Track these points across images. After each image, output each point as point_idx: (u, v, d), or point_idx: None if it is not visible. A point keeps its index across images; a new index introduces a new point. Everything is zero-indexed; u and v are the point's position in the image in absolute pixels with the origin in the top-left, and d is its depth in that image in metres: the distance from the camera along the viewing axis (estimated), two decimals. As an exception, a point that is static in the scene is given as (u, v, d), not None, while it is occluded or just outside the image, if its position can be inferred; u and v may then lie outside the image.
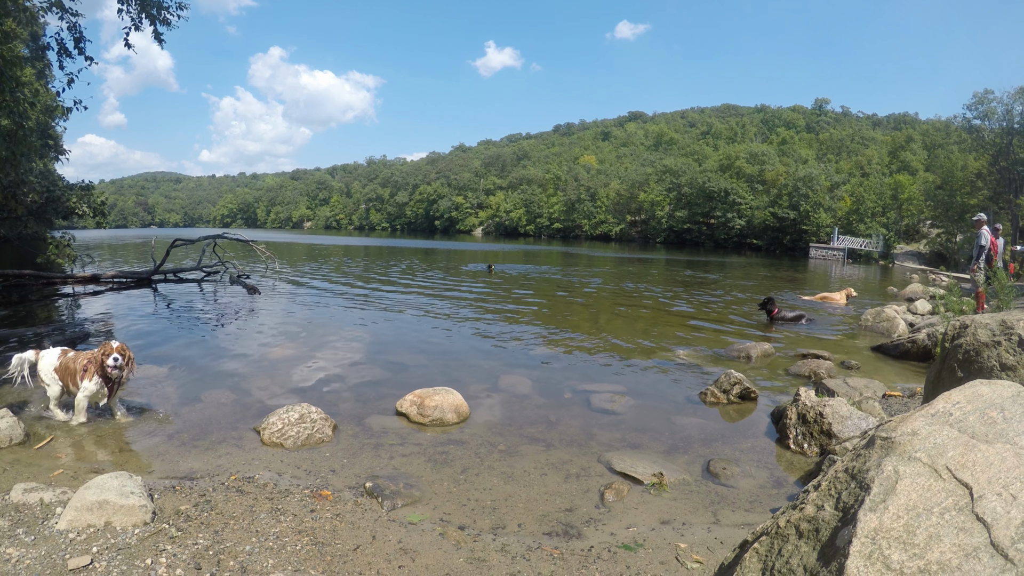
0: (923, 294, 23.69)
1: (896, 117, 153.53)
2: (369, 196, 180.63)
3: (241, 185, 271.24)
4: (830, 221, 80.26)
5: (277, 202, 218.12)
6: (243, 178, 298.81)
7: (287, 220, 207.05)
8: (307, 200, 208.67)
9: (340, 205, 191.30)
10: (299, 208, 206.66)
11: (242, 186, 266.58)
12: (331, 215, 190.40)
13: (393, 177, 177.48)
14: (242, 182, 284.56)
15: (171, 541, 4.39)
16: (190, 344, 11.92)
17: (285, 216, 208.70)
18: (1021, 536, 2.42)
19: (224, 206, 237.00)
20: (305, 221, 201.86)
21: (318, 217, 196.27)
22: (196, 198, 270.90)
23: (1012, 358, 6.33)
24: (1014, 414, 2.98)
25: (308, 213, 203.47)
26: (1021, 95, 56.24)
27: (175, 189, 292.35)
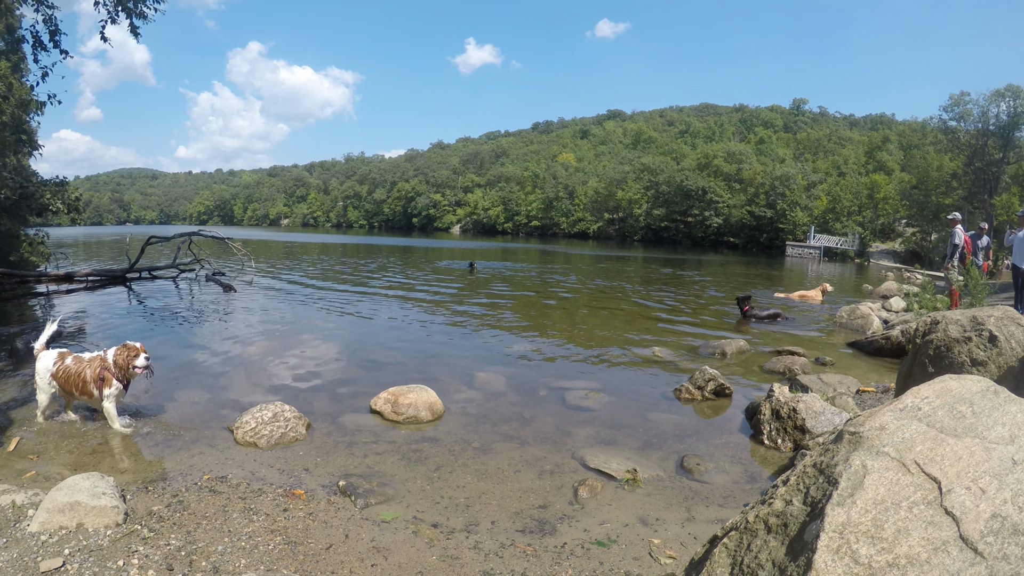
0: (898, 292, 23.84)
1: (873, 118, 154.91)
2: (347, 193, 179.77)
3: (218, 182, 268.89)
4: (807, 220, 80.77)
5: (254, 199, 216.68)
6: (220, 175, 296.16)
7: (264, 217, 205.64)
8: (284, 197, 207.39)
9: (318, 202, 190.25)
10: (276, 205, 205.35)
11: (219, 183, 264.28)
12: (308, 212, 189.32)
13: (371, 174, 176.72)
14: (219, 179, 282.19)
15: (143, 542, 4.36)
16: (164, 343, 11.80)
17: (262, 213, 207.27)
18: (991, 530, 2.43)
19: (200, 203, 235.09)
20: (282, 218, 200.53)
21: (295, 214, 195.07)
22: (172, 195, 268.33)
23: (983, 353, 6.38)
24: (983, 408, 2.99)
25: (285, 210, 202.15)
26: (996, 98, 57.09)
27: (151, 186, 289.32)
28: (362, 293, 20.71)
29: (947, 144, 63.71)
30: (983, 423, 2.89)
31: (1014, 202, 50.85)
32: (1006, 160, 57.90)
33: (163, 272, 24.15)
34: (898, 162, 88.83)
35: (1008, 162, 57.78)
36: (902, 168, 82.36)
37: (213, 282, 21.88)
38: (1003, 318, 6.61)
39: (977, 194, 59.40)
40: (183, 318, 14.71)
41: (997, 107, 57.66)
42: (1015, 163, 57.18)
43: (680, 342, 13.25)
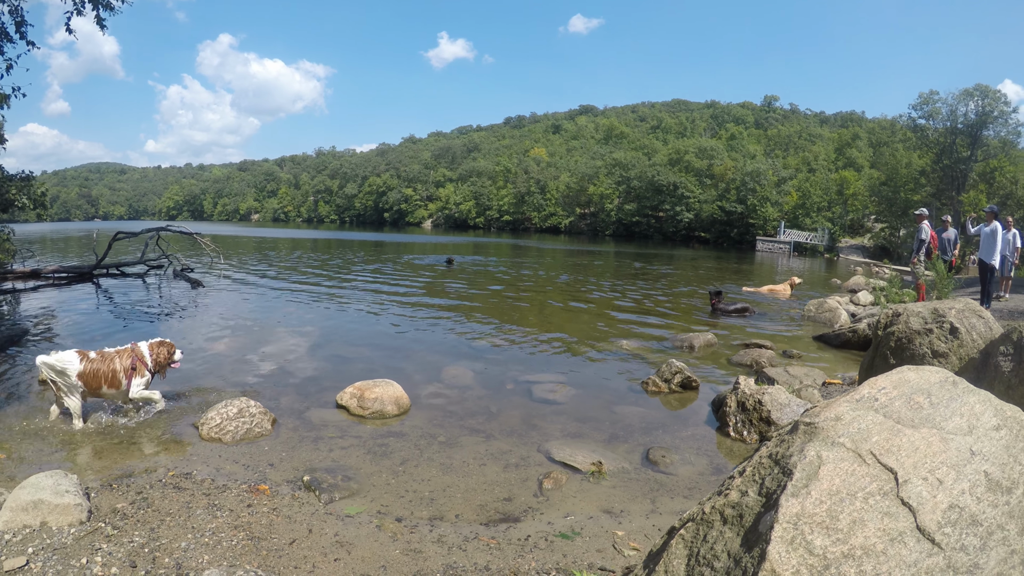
0: (866, 286, 24.08)
1: (843, 115, 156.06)
2: (318, 188, 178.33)
3: (187, 176, 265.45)
4: (777, 215, 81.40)
5: (224, 194, 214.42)
6: (190, 169, 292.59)
7: (234, 212, 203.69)
8: (255, 192, 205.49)
9: (288, 197, 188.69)
10: (247, 200, 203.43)
11: (188, 177, 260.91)
12: (279, 207, 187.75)
13: (342, 169, 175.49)
14: (188, 173, 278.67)
15: (107, 540, 4.31)
16: (131, 340, 11.60)
17: (232, 208, 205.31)
18: (949, 521, 2.44)
19: (170, 198, 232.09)
20: (253, 213, 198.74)
21: (266, 209, 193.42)
22: (141, 190, 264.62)
23: (944, 345, 6.45)
24: (941, 399, 2.99)
25: (256, 205, 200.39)
26: (965, 97, 58.01)
27: (120, 180, 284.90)
28: (331, 289, 20.57)
29: (916, 142, 64.60)
30: (941, 414, 2.89)
31: (981, 199, 51.57)
32: (974, 158, 58.78)
33: (131, 268, 23.84)
34: (867, 159, 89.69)
35: (976, 160, 58.67)
36: (871, 165, 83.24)
37: (181, 278, 21.64)
38: (964, 310, 6.69)
39: (945, 191, 60.27)
40: (150, 315, 14.52)
41: (966, 106, 58.60)
42: (983, 161, 58.06)
43: (648, 335, 13.29)
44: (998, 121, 58.04)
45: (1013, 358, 4.78)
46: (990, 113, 57.57)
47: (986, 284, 15.94)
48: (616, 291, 22.16)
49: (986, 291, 15.90)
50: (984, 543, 2.45)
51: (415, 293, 19.89)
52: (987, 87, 57.67)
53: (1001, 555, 2.46)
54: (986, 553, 2.43)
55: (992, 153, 57.94)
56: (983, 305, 15.52)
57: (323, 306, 16.54)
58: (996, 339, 5.17)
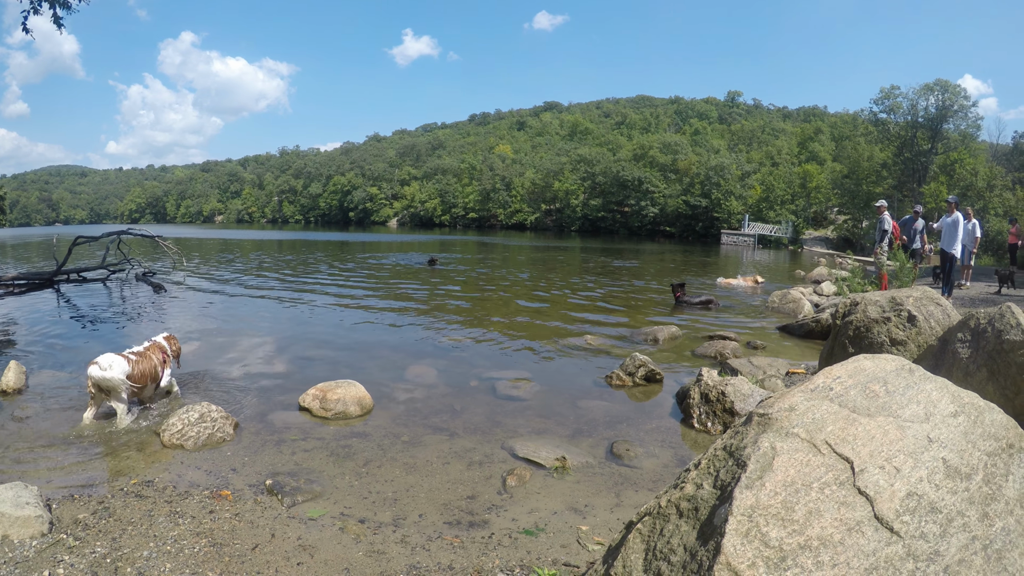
0: (829, 277, 24.34)
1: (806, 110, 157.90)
2: (282, 188, 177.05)
3: (150, 178, 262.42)
4: (741, 208, 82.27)
5: (187, 195, 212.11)
6: (152, 171, 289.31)
7: (198, 214, 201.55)
8: (218, 193, 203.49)
9: (252, 198, 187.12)
10: (210, 201, 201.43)
11: (151, 179, 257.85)
12: (243, 208, 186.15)
13: (306, 168, 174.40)
14: (151, 175, 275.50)
15: (69, 551, 4.24)
16: (91, 347, 11.34)
17: (196, 210, 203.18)
18: (907, 509, 2.43)
19: (132, 200, 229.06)
20: (216, 215, 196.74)
21: (230, 210, 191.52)
22: (103, 192, 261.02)
23: (902, 333, 6.51)
24: (897, 387, 3.00)
25: (219, 207, 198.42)
26: (926, 91, 59.33)
27: (81, 183, 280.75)
28: (295, 290, 20.40)
29: (877, 135, 65.85)
30: (897, 402, 2.90)
31: (942, 190, 52.53)
32: (934, 151, 60.00)
33: (92, 274, 23.44)
34: (830, 152, 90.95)
35: (936, 153, 59.93)
36: (834, 158, 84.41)
37: (144, 282, 21.33)
38: (922, 298, 6.76)
39: (907, 183, 61.47)
40: (112, 320, 14.27)
41: (926, 100, 59.95)
42: (943, 154, 59.37)
43: (613, 330, 13.34)
44: (958, 115, 59.39)
45: (970, 344, 4.83)
46: (950, 107, 58.86)
47: (947, 273, 16.19)
48: (581, 286, 22.24)
49: (948, 280, 16.15)
50: (944, 530, 2.45)
51: (379, 293, 19.80)
52: (947, 82, 58.97)
53: (962, 541, 2.47)
54: (946, 540, 2.43)
55: (952, 146, 59.26)
56: (944, 293, 15.77)
57: (287, 308, 16.39)
58: (954, 326, 5.23)
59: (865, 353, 3.48)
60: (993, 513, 2.61)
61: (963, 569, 2.41)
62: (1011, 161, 62.13)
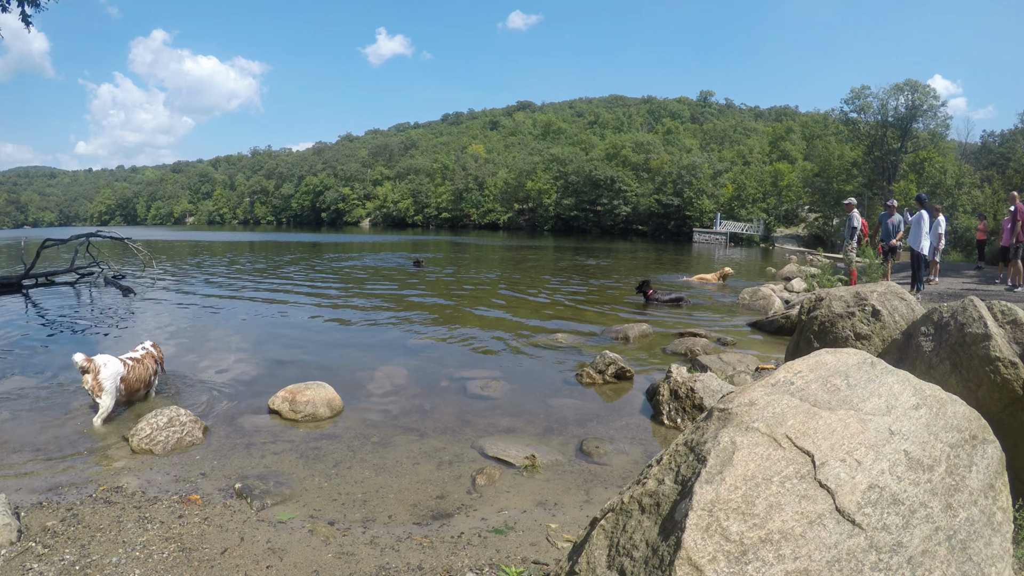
0: (799, 273, 24.56)
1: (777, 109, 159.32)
2: (254, 189, 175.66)
3: (120, 179, 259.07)
4: (713, 207, 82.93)
5: (158, 197, 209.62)
6: (122, 172, 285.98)
7: (168, 216, 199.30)
8: (189, 194, 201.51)
9: (224, 199, 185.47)
10: (181, 203, 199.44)
11: (121, 180, 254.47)
12: (214, 209, 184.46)
13: (278, 168, 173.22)
14: (121, 176, 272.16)
15: (38, 559, 4.21)
16: (59, 352, 11.14)
17: (166, 212, 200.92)
18: (869, 501, 2.44)
19: (102, 202, 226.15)
20: (187, 216, 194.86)
21: (201, 212, 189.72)
22: (72, 194, 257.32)
23: (867, 327, 6.57)
24: (859, 381, 3.02)
25: (190, 208, 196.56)
26: (896, 91, 60.24)
27: (50, 185, 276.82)
28: (266, 292, 20.22)
29: (848, 134, 66.76)
30: (858, 395, 2.91)
31: (911, 188, 53.22)
32: (904, 149, 60.88)
33: (61, 277, 23.11)
34: (801, 151, 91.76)
35: (906, 151, 60.81)
36: (805, 157, 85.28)
37: (113, 286, 21.07)
38: (886, 293, 6.83)
39: (877, 181, 62.32)
40: (80, 325, 14.04)
41: (896, 100, 60.88)
42: (912, 152, 60.18)
43: (584, 328, 13.37)
44: (927, 114, 60.37)
45: (934, 338, 4.88)
46: (920, 107, 59.81)
47: (916, 270, 16.38)
48: (553, 285, 22.30)
49: (916, 276, 16.33)
50: (907, 522, 2.46)
51: (351, 294, 19.67)
52: (917, 82, 59.93)
53: (925, 532, 2.48)
54: (909, 531, 2.45)
55: (922, 145, 60.20)
56: (913, 289, 15.95)
57: (257, 310, 16.24)
58: (917, 320, 5.28)
59: (830, 348, 3.49)
60: (957, 504, 2.63)
61: (927, 560, 2.42)
62: (979, 159, 63.28)
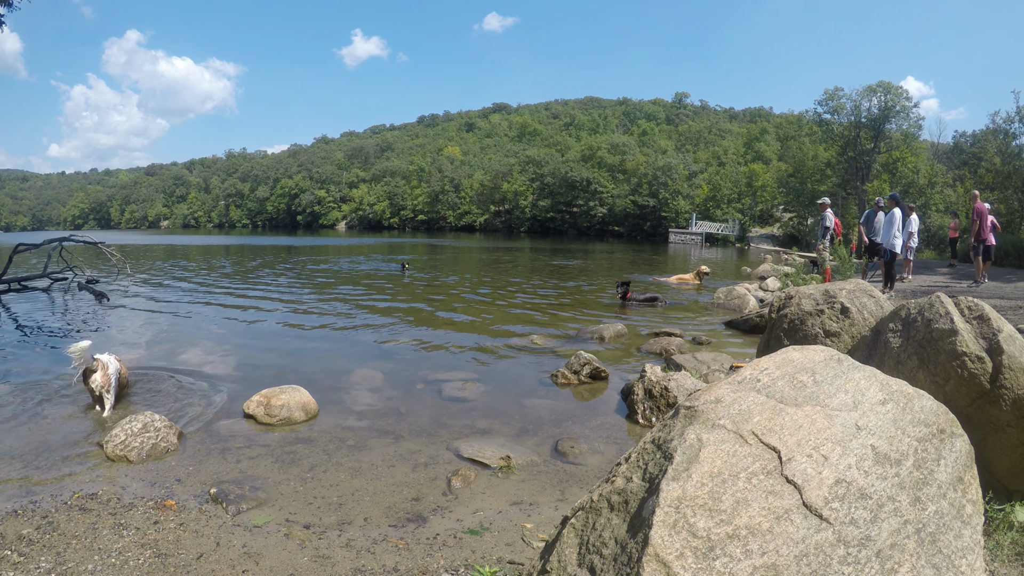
0: (774, 272, 24.75)
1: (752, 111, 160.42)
2: (228, 191, 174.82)
3: (93, 182, 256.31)
4: (688, 207, 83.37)
5: (132, 200, 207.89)
6: (95, 175, 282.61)
7: (143, 219, 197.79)
8: (164, 197, 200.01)
9: (198, 202, 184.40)
10: (155, 206, 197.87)
11: (94, 183, 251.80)
12: (189, 212, 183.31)
13: (253, 171, 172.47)
14: (94, 179, 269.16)
15: (13, 567, 4.19)
16: (31, 358, 11.02)
17: (141, 215, 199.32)
18: (836, 496, 2.46)
19: (75, 206, 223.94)
20: (162, 220, 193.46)
21: (175, 215, 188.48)
22: (45, 198, 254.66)
23: (836, 325, 6.65)
24: (825, 377, 3.05)
25: (165, 211, 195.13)
26: (869, 93, 60.90)
27: (22, 188, 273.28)
28: (240, 296, 20.12)
29: (822, 135, 67.41)
30: (825, 391, 2.94)
31: (884, 188, 53.86)
32: (877, 150, 61.55)
33: (33, 283, 22.87)
34: (775, 152, 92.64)
35: (879, 152, 61.51)
36: (779, 158, 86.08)
37: (86, 290, 20.87)
38: (855, 291, 6.91)
39: (850, 181, 62.99)
40: (53, 330, 13.89)
41: (869, 101, 61.53)
42: (886, 152, 60.89)
43: (560, 329, 13.41)
44: (900, 115, 61.11)
45: (901, 334, 4.95)
46: (892, 108, 60.53)
47: (888, 268, 16.56)
48: (529, 287, 22.34)
49: (889, 274, 16.51)
50: (875, 515, 2.49)
51: (326, 297, 19.60)
52: (890, 84, 60.65)
53: (893, 526, 2.51)
54: (877, 525, 2.47)
55: (895, 145, 60.90)
56: (886, 287, 16.12)
57: (231, 314, 16.15)
58: (886, 316, 5.35)
59: (800, 345, 3.53)
60: (925, 497, 2.67)
61: (896, 553, 2.45)
62: (951, 159, 63.97)
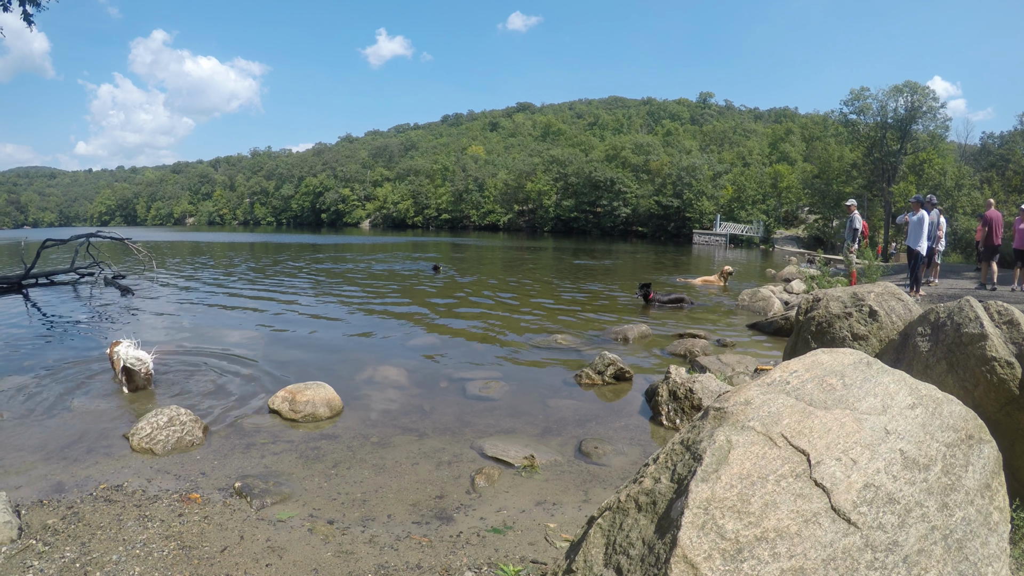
0: (799, 275, 24.57)
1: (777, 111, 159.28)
2: (253, 189, 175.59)
3: (120, 180, 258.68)
4: (713, 208, 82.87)
5: (158, 197, 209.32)
6: (122, 172, 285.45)
7: (168, 216, 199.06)
8: (189, 195, 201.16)
9: (224, 199, 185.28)
10: (181, 203, 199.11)
11: (121, 181, 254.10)
12: (214, 210, 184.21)
13: (278, 169, 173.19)
14: (121, 176, 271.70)
15: (38, 557, 4.22)
16: (60, 351, 11.16)
17: (166, 212, 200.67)
18: (864, 500, 2.44)
19: (102, 203, 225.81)
20: (187, 217, 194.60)
21: (201, 212, 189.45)
22: (72, 195, 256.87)
23: (864, 328, 6.58)
24: (854, 380, 3.02)
25: (190, 209, 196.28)
26: (895, 93, 59.95)
27: (49, 185, 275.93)
28: (265, 292, 20.24)
29: (847, 136, 66.53)
30: (854, 395, 2.91)
31: (911, 190, 53.23)
32: (903, 151, 60.75)
33: (61, 277, 23.10)
34: (801, 153, 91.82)
35: (905, 153, 60.69)
36: (804, 159, 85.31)
37: (112, 286, 21.06)
38: (883, 294, 6.84)
39: (876, 183, 62.22)
40: (80, 325, 14.03)
41: (895, 102, 60.54)
42: (912, 154, 60.11)
43: (584, 329, 13.37)
44: (927, 116, 60.11)
45: (930, 338, 4.89)
46: (919, 108, 59.57)
47: (914, 270, 16.38)
48: (553, 286, 22.30)
49: (914, 277, 16.33)
50: (902, 521, 2.46)
51: (349, 295, 19.68)
52: (916, 83, 59.68)
53: (921, 532, 2.48)
54: (905, 530, 2.45)
55: (921, 146, 60.07)
56: (910, 290, 15.96)
57: (256, 310, 16.26)
58: (914, 320, 5.29)
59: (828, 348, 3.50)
60: (953, 503, 2.63)
61: (923, 559, 2.42)
62: (979, 161, 63.22)
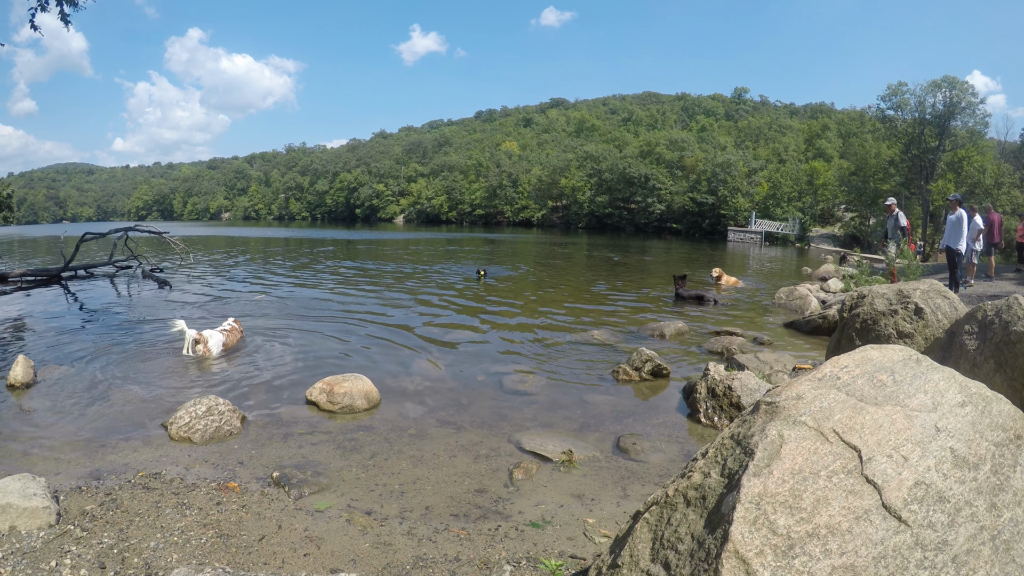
0: (836, 273, 24.31)
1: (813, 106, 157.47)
2: (288, 185, 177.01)
3: (156, 175, 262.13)
4: (748, 205, 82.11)
5: (194, 193, 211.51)
6: (158, 168, 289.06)
7: (204, 211, 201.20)
8: (225, 190, 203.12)
9: (259, 195, 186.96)
10: (217, 199, 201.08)
11: (157, 176, 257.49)
12: (250, 205, 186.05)
13: (313, 165, 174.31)
14: (157, 172, 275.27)
15: (76, 542, 4.25)
16: (99, 342, 11.34)
17: (202, 207, 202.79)
18: (915, 498, 2.42)
19: (139, 198, 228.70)
20: (223, 212, 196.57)
21: (236, 207, 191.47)
22: (110, 190, 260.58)
23: (909, 326, 6.49)
24: (904, 377, 2.98)
25: (226, 203, 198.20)
26: (933, 88, 58.86)
27: (88, 181, 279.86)
28: (301, 285, 20.43)
29: (885, 132, 65.55)
30: (904, 391, 2.88)
31: (949, 188, 52.48)
32: (942, 148, 59.74)
33: (99, 270, 23.44)
34: (837, 149, 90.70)
35: (944, 150, 59.69)
36: (841, 155, 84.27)
37: (150, 278, 21.35)
38: (929, 291, 6.75)
39: (914, 180, 61.23)
40: (118, 316, 14.26)
41: (934, 97, 59.45)
42: (950, 151, 59.14)
43: (620, 325, 13.32)
44: (966, 112, 58.98)
45: (978, 336, 4.82)
46: (958, 104, 58.48)
47: (953, 270, 16.15)
48: (588, 282, 22.26)
49: (953, 277, 16.10)
50: (952, 520, 2.44)
51: (385, 288, 19.79)
52: (955, 79, 58.58)
53: (970, 531, 2.45)
54: (954, 530, 2.42)
55: (960, 143, 59.04)
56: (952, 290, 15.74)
57: (291, 303, 16.39)
58: (961, 318, 5.22)
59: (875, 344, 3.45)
60: (1001, 504, 2.60)
61: (971, 559, 2.39)
62: (1019, 158, 62.02)
